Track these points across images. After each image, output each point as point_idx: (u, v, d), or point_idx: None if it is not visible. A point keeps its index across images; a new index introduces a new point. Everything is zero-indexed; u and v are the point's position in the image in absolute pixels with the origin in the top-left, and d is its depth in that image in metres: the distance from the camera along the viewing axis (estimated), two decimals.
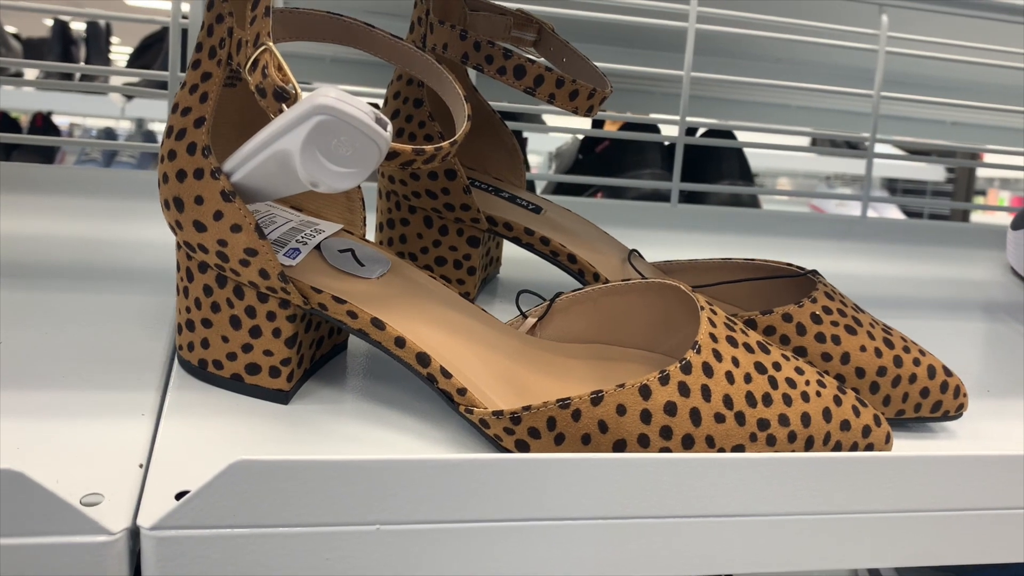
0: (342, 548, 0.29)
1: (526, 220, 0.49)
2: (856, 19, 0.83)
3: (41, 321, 0.43)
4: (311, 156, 0.31)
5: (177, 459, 0.33)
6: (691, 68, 0.76)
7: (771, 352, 0.37)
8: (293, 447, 0.35)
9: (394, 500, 0.29)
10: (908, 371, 0.41)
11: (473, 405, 0.35)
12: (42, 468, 0.31)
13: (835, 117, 1.26)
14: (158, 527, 0.28)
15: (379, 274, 0.39)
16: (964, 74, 1.00)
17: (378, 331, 0.36)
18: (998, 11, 0.81)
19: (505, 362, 0.38)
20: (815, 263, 0.54)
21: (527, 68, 0.41)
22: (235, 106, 0.38)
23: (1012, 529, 0.36)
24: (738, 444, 0.34)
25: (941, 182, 2.97)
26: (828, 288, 0.44)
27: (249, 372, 0.37)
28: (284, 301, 0.36)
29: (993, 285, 0.69)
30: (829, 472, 0.33)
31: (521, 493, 0.30)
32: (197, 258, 0.37)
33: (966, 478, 0.35)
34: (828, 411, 0.35)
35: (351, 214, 0.42)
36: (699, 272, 0.49)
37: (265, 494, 0.28)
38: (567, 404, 0.33)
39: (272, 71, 0.32)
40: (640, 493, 0.31)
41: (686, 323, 0.39)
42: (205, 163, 0.35)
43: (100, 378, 0.38)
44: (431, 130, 0.46)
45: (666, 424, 0.33)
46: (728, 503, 0.32)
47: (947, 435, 0.43)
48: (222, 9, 0.35)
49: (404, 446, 0.36)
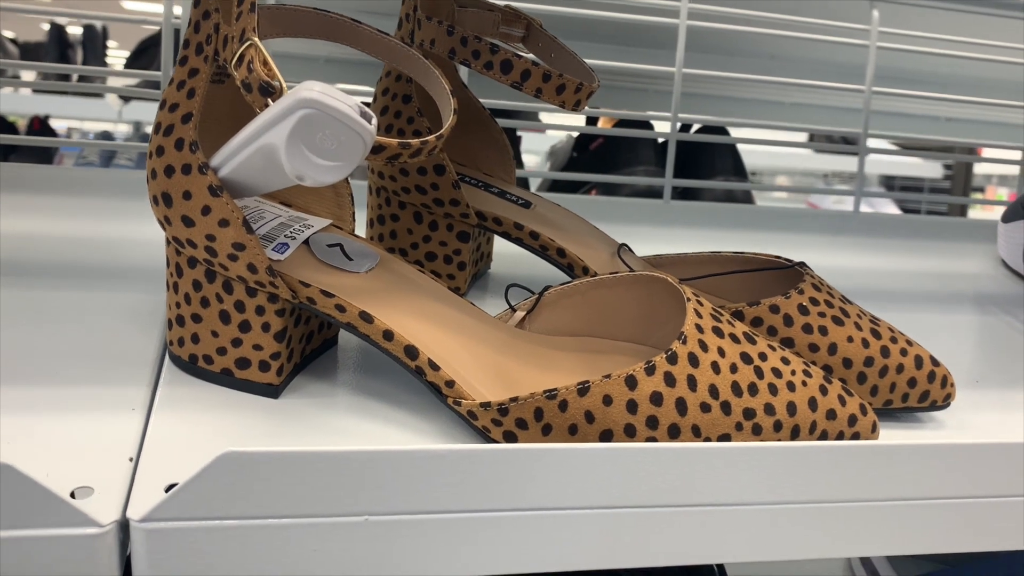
0: (331, 539, 0.30)
1: (516, 215, 0.49)
2: (848, 15, 0.83)
3: (33, 318, 0.43)
4: (296, 150, 0.31)
5: (167, 452, 0.33)
6: (683, 65, 0.76)
7: (757, 342, 0.37)
8: (283, 440, 0.35)
9: (382, 491, 0.30)
10: (895, 361, 0.42)
11: (461, 397, 0.35)
12: (32, 461, 0.31)
13: (829, 113, 1.27)
14: (147, 519, 0.28)
15: (367, 268, 0.39)
16: (958, 69, 1.00)
17: (366, 324, 0.36)
18: (989, 6, 0.82)
19: (493, 355, 0.38)
20: (807, 257, 0.54)
21: (514, 63, 0.42)
22: (223, 102, 0.39)
23: (1001, 517, 0.37)
24: (724, 433, 0.34)
25: (938, 179, 2.97)
26: (815, 280, 0.44)
27: (239, 366, 0.38)
28: (273, 295, 0.37)
29: (984, 278, 0.70)
30: (816, 461, 0.33)
31: (509, 484, 0.31)
32: (186, 253, 0.37)
33: (954, 466, 0.35)
34: (814, 400, 0.36)
35: (340, 209, 0.42)
36: (688, 265, 0.49)
37: (253, 486, 0.28)
38: (554, 395, 0.33)
39: (258, 66, 0.32)
40: (627, 483, 0.32)
41: (673, 315, 0.39)
42: (193, 158, 0.35)
43: (91, 373, 0.38)
44: (420, 125, 0.46)
45: (652, 414, 0.33)
46: (715, 492, 0.33)
47: (935, 425, 0.43)
48: (208, 5, 0.36)
49: (394, 438, 0.36)
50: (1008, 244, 0.72)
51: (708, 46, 0.92)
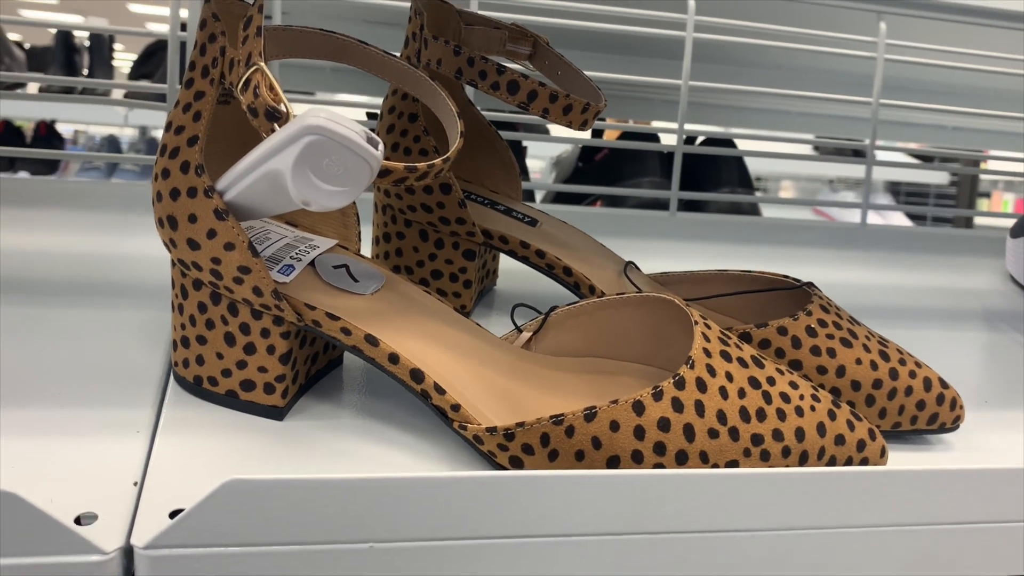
0: (336, 567, 0.29)
1: (522, 233, 0.49)
2: (855, 27, 0.83)
3: (36, 336, 0.43)
4: (302, 176, 0.31)
5: (172, 477, 0.33)
6: (689, 76, 0.76)
7: (765, 366, 0.36)
8: (288, 464, 0.35)
9: (387, 518, 0.29)
10: (904, 384, 0.41)
11: (467, 421, 0.35)
12: (36, 487, 0.31)
13: (836, 123, 1.26)
14: (152, 546, 0.28)
15: (373, 290, 0.39)
16: (963, 80, 1.00)
17: (372, 348, 0.36)
18: (994, 18, 0.81)
19: (499, 378, 0.38)
20: (814, 272, 0.54)
21: (520, 84, 0.41)
22: (229, 124, 0.39)
23: (1010, 542, 0.36)
24: (732, 460, 0.34)
25: (945, 185, 2.97)
26: (823, 300, 0.44)
27: (244, 388, 0.37)
28: (278, 318, 0.36)
29: (992, 294, 0.69)
30: (824, 487, 0.33)
31: (515, 510, 0.30)
32: (191, 276, 0.37)
33: (962, 491, 0.35)
34: (822, 426, 0.35)
35: (346, 229, 0.42)
36: (695, 284, 0.49)
37: (259, 513, 0.28)
38: (560, 420, 0.33)
39: (264, 91, 0.32)
40: (634, 509, 0.31)
41: (680, 337, 0.39)
42: (198, 182, 0.35)
43: (95, 395, 0.38)
44: (426, 144, 0.46)
45: (660, 440, 0.33)
46: (722, 519, 0.32)
47: (944, 447, 0.43)
48: (215, 29, 0.35)
49: (399, 462, 0.36)
50: (1016, 259, 0.72)
51: (715, 57, 0.92)
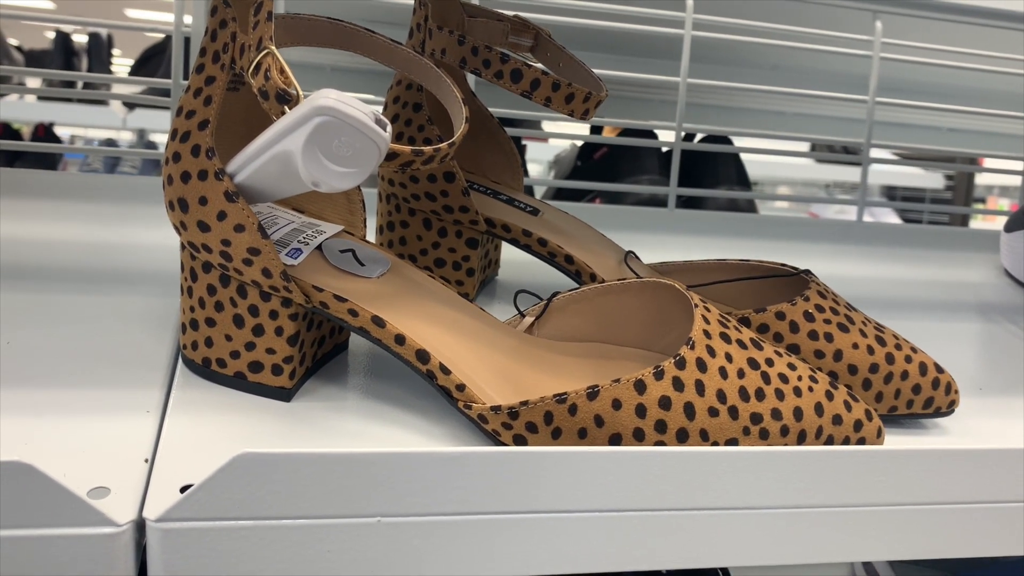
0: (344, 540, 0.30)
1: (524, 222, 0.50)
2: (851, 26, 0.84)
3: (48, 322, 0.44)
4: (312, 156, 0.32)
5: (181, 454, 0.33)
6: (687, 75, 0.77)
7: (764, 348, 0.37)
8: (295, 443, 0.35)
9: (395, 493, 0.30)
10: (900, 368, 0.42)
11: (472, 401, 0.36)
12: (50, 462, 0.31)
13: (832, 124, 1.27)
14: (163, 519, 0.28)
15: (379, 273, 0.40)
16: (960, 80, 1.01)
17: (378, 329, 0.37)
18: (991, 17, 0.82)
19: (503, 359, 0.38)
20: (811, 265, 0.54)
21: (524, 72, 0.42)
22: (239, 109, 0.39)
23: (1005, 522, 0.37)
24: (731, 438, 0.34)
25: (940, 190, 2.98)
26: (821, 287, 0.45)
27: (252, 370, 0.38)
28: (286, 300, 0.37)
29: (986, 287, 0.70)
30: (821, 465, 0.34)
31: (519, 486, 0.31)
32: (201, 258, 0.37)
33: (958, 471, 0.35)
34: (820, 406, 0.36)
35: (351, 216, 0.43)
36: (694, 272, 0.49)
37: (268, 487, 0.29)
38: (564, 399, 0.34)
39: (275, 74, 0.33)
40: (635, 486, 0.32)
41: (681, 321, 0.39)
42: (209, 165, 0.36)
43: (106, 377, 0.39)
44: (430, 133, 0.46)
45: (661, 418, 0.34)
46: (722, 496, 0.33)
47: (939, 431, 0.43)
48: (225, 15, 0.36)
49: (404, 441, 0.36)
50: (1010, 253, 0.73)
51: (712, 56, 0.93)
